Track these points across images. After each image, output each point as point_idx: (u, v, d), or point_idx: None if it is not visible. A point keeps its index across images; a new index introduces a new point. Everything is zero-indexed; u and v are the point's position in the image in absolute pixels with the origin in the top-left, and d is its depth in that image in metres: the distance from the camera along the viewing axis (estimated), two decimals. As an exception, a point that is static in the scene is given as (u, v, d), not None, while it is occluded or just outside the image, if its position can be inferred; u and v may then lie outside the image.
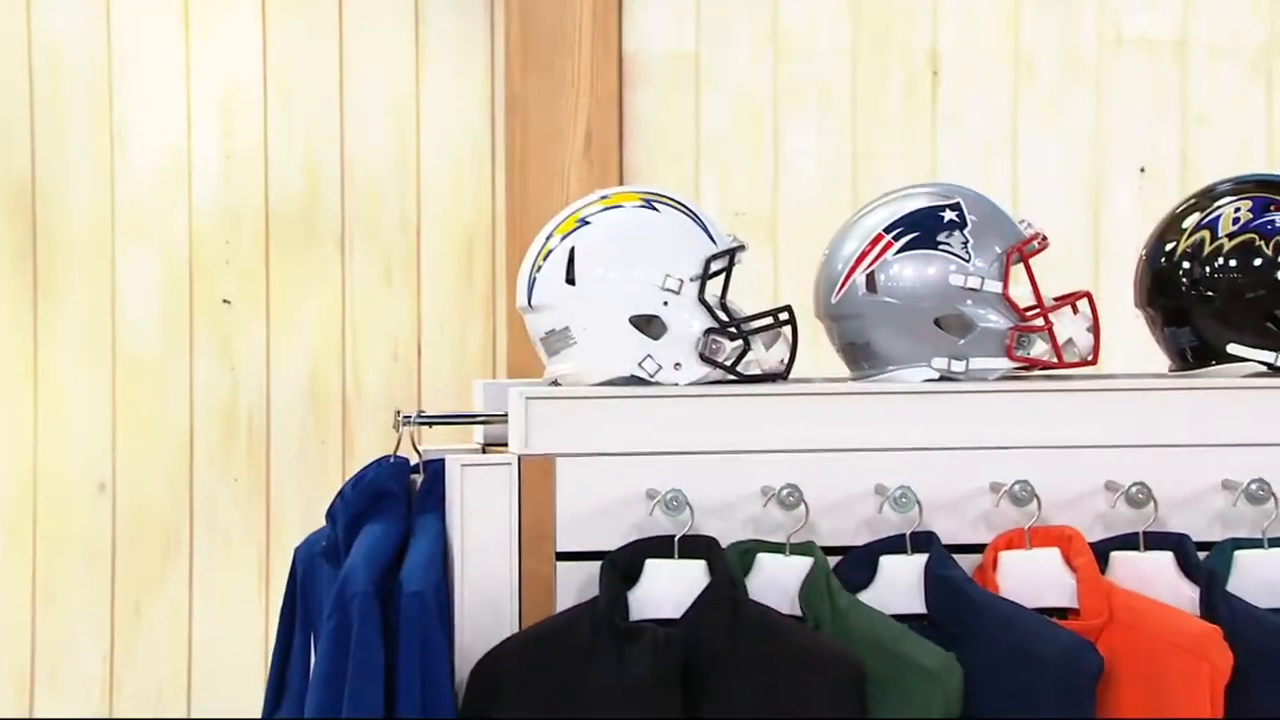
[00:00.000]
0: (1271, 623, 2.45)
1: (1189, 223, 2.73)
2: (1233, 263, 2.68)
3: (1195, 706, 2.39)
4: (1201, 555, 2.51)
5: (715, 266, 2.60)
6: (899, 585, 2.48)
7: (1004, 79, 4.13)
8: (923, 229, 2.63)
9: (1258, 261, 2.67)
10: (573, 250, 2.59)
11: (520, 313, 2.67)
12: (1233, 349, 2.68)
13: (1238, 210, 2.70)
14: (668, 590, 2.45)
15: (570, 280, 2.59)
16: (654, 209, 2.62)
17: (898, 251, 2.63)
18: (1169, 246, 2.73)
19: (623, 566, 2.46)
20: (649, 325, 2.59)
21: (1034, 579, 2.48)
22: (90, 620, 4.07)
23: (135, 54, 4.06)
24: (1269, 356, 2.67)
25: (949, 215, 2.63)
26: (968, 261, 2.62)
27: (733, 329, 2.59)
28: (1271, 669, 2.40)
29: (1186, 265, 2.71)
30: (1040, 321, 2.63)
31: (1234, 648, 2.40)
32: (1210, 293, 2.69)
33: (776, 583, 2.47)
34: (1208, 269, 2.69)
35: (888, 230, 2.64)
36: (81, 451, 4.06)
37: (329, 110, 4.09)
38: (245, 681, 4.04)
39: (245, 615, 4.08)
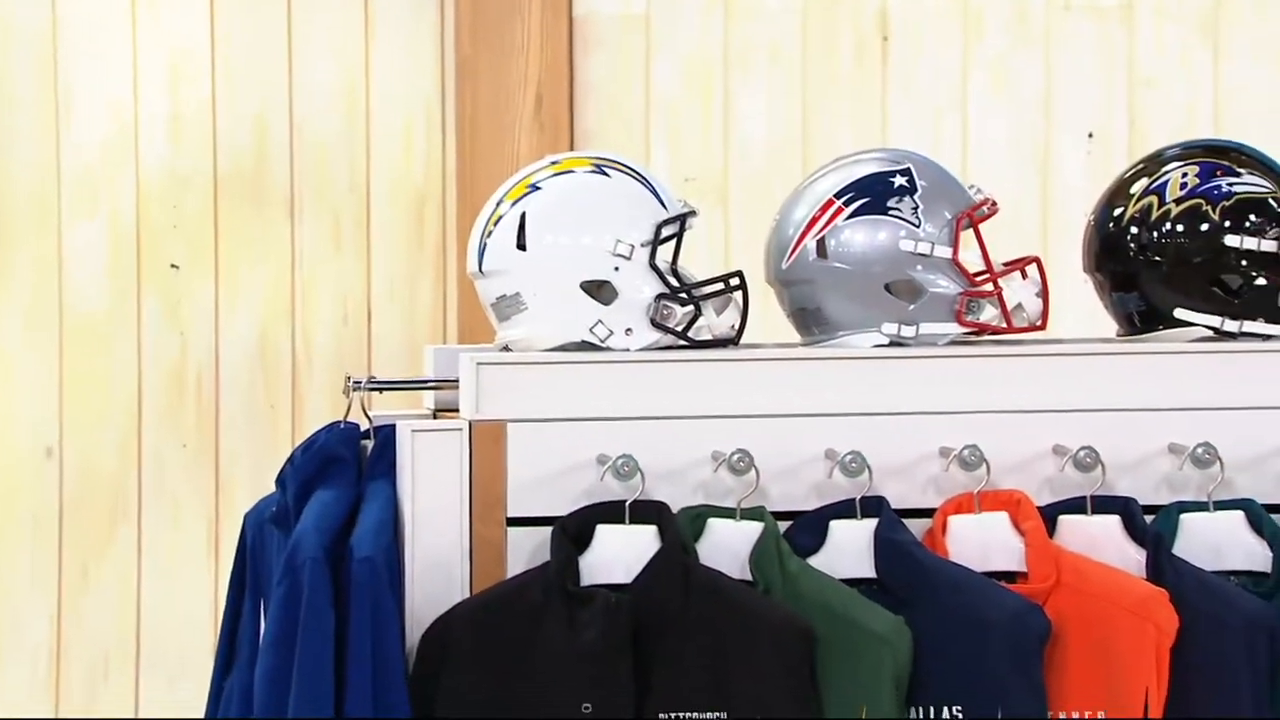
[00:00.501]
0: (1216, 585, 2.47)
1: (1137, 188, 2.74)
2: (1180, 228, 2.70)
3: (1140, 668, 2.41)
4: (1148, 519, 2.52)
5: (666, 232, 2.60)
6: (849, 550, 2.48)
7: (953, 43, 4.14)
8: (873, 194, 2.63)
9: (1204, 227, 2.69)
10: (523, 216, 2.59)
11: (471, 278, 2.67)
12: (1180, 314, 2.70)
13: (1185, 175, 2.71)
14: (618, 555, 2.46)
15: (521, 246, 2.59)
16: (604, 174, 2.62)
17: (848, 217, 2.63)
18: (1117, 212, 2.75)
19: (573, 532, 2.46)
20: (600, 291, 2.59)
21: (982, 543, 2.49)
22: (37, 586, 4.05)
23: (81, 17, 4.02)
24: (1215, 321, 2.69)
25: (899, 181, 2.64)
26: (918, 227, 2.62)
27: (684, 294, 2.59)
28: (1215, 631, 2.43)
29: (1134, 230, 2.72)
30: (990, 287, 2.64)
31: (1179, 610, 2.42)
32: (1158, 258, 2.71)
33: (727, 547, 2.47)
34: (1155, 234, 2.71)
35: (838, 196, 2.64)
36: (28, 416, 4.04)
37: (277, 73, 4.07)
38: (194, 647, 4.03)
39: (194, 580, 4.07)
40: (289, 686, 2.37)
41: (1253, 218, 2.68)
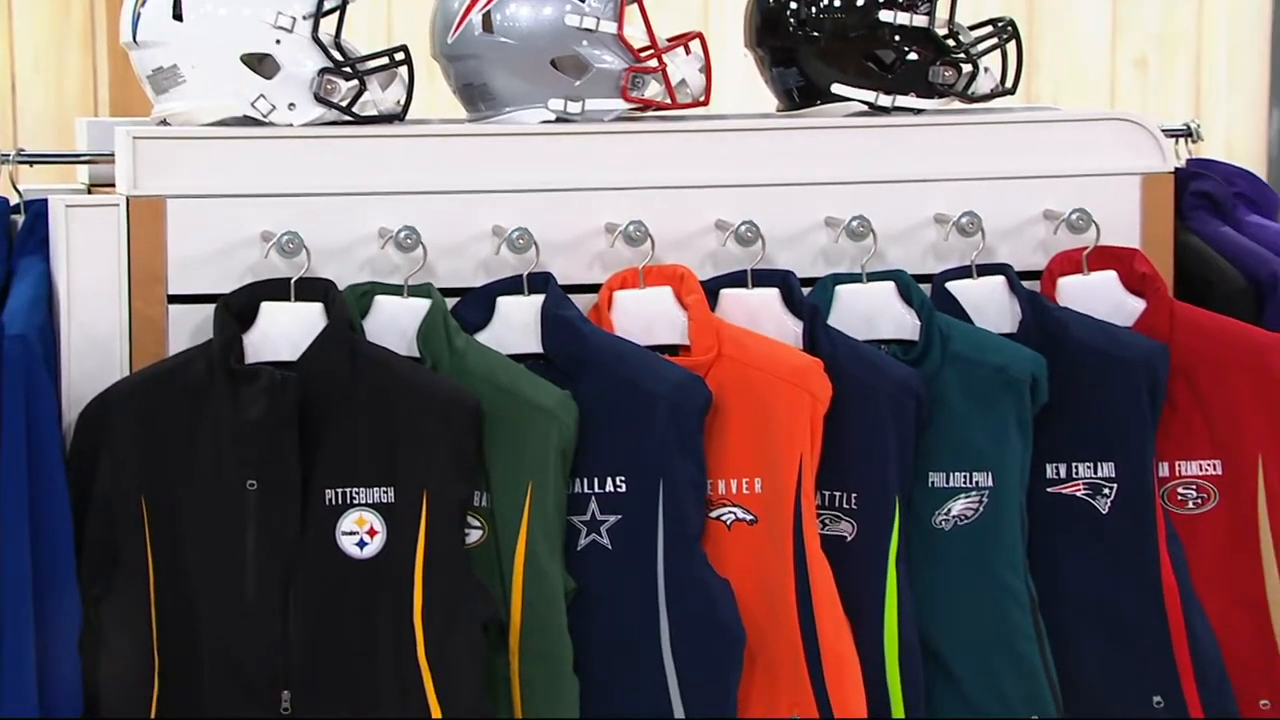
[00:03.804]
0: (867, 354, 2.56)
1: (797, -36, 2.77)
2: (836, 3, 2.74)
3: (796, 436, 2.49)
4: (805, 291, 2.60)
5: (328, 4, 2.54)
6: (516, 325, 2.51)
7: None
8: (538, -32, 2.61)
9: (860, 2, 2.73)
10: (179, -16, 2.52)
11: (125, 49, 2.58)
12: (836, 89, 2.75)
13: (830, -52, 2.75)
14: (284, 333, 2.44)
15: (177, 16, 2.51)
16: (266, -58, 2.55)
17: (514, -9, 2.61)
18: (777, -13, 2.77)
19: (237, 309, 2.44)
20: (261, 64, 2.54)
21: (646, 317, 2.54)
22: None
23: None
24: (870, 96, 2.75)
25: (564, -46, 2.62)
26: (583, 2, 2.62)
27: (348, 69, 2.55)
28: (868, 398, 2.52)
29: (794, 6, 2.75)
30: (654, 63, 2.66)
31: (833, 379, 2.50)
32: (815, 33, 2.75)
33: (394, 324, 2.48)
34: (813, 9, 2.74)
35: (504, -31, 2.62)
36: None
37: None
38: None
39: None
40: (-64, 465, 2.31)
41: (906, -8, 2.74)
